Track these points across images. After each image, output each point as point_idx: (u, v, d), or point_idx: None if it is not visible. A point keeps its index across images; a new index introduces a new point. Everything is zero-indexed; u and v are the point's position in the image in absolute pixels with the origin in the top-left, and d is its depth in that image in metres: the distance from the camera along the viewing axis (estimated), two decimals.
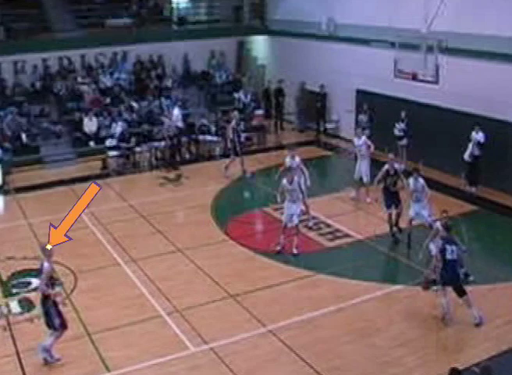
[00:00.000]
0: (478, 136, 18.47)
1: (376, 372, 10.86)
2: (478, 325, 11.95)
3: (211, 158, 24.34)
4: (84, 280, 14.44)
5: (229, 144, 22.06)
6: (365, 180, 18.57)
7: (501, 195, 18.32)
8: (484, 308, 12.46)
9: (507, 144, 18.36)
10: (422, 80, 18.30)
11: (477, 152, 18.58)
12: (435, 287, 12.57)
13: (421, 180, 15.35)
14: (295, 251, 15.44)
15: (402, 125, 21.18)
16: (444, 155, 20.17)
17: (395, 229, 16.06)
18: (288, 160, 17.55)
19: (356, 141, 19.19)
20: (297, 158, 17.61)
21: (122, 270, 14.92)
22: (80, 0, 29.18)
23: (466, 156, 18.75)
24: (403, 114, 21.07)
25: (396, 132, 21.23)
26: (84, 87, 26.18)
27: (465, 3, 18.88)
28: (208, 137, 24.76)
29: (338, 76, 25.17)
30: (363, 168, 18.70)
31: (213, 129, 25.08)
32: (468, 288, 12.51)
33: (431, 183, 19.54)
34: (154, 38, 28.09)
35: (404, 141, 21.28)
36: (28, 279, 14.57)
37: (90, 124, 24.49)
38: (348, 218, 16.81)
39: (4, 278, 14.78)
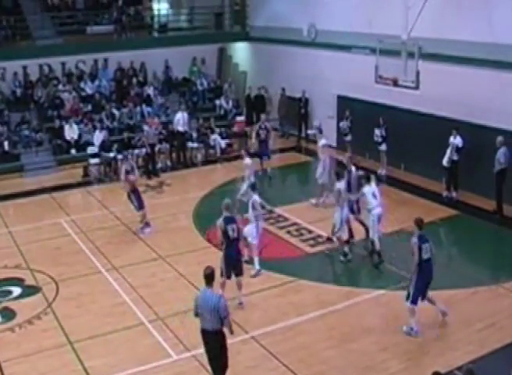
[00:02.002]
0: (456, 140, 18.55)
1: None
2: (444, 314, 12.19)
3: (193, 165, 24.33)
4: (66, 288, 14.35)
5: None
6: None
7: (481, 200, 18.41)
8: (466, 312, 12.58)
9: (487, 148, 18.48)
10: (403, 86, 18.40)
11: (455, 157, 18.66)
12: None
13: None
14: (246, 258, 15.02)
15: (379, 131, 21.21)
16: (424, 160, 20.30)
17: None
18: None
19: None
20: (246, 160, 18.31)
21: (103, 278, 14.86)
22: (60, 7, 29.16)
23: (444, 162, 18.81)
24: (381, 120, 21.14)
25: (375, 138, 21.31)
26: (65, 95, 26.08)
27: (444, 10, 19.03)
28: (190, 144, 24.77)
29: (319, 82, 25.29)
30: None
31: (194, 136, 25.10)
32: (450, 292, 12.61)
33: (411, 189, 19.81)
34: (136, 45, 28.10)
35: (384, 147, 21.35)
36: (9, 288, 14.46)
37: (71, 132, 24.40)
38: (329, 224, 16.78)
39: None
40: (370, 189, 14.96)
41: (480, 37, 18.05)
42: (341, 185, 15.25)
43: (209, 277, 9.93)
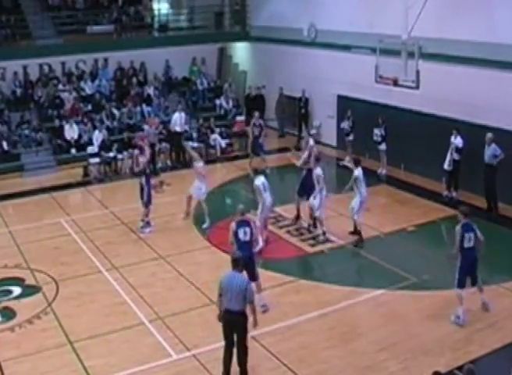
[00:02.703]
0: (456, 140, 18.56)
1: None
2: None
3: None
4: (66, 288, 14.33)
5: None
6: None
7: (481, 200, 18.36)
8: (466, 312, 12.55)
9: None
10: (403, 86, 18.38)
11: (456, 157, 18.66)
12: None
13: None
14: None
15: (379, 130, 21.16)
16: (424, 160, 20.28)
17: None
18: None
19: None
20: (199, 163, 18.17)
21: (103, 278, 14.84)
22: (60, 7, 29.14)
23: (445, 166, 18.79)
24: (380, 119, 21.12)
25: (374, 137, 21.30)
26: (65, 95, 26.07)
27: (444, 10, 19.04)
28: (190, 144, 24.74)
29: (319, 82, 25.28)
30: None
31: (195, 135, 25.09)
32: (451, 292, 12.60)
33: (411, 188, 19.79)
34: (136, 45, 28.04)
35: (383, 146, 21.34)
36: (9, 287, 14.45)
37: (71, 131, 24.38)
38: (329, 223, 16.80)
39: None
40: (360, 172, 15.67)
41: (480, 37, 18.04)
42: (319, 171, 15.97)
43: (236, 261, 10.21)
